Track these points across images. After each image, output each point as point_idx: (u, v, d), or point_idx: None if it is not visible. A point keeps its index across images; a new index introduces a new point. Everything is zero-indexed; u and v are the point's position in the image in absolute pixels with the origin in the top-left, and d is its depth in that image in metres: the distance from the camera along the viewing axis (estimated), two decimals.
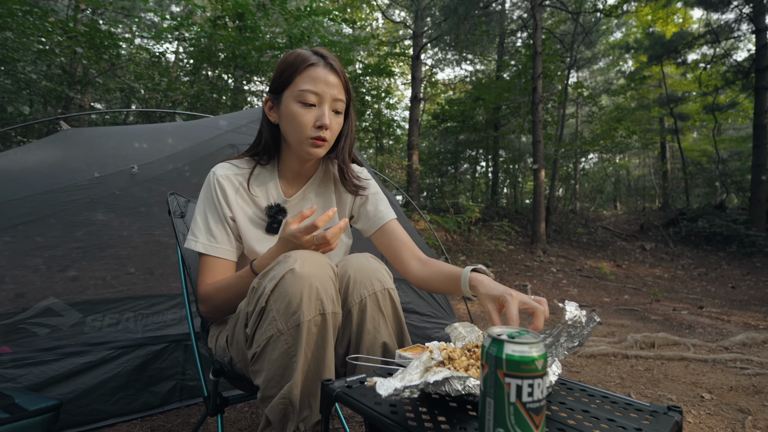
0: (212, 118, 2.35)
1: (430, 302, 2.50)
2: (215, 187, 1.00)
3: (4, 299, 1.51)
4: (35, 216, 1.64)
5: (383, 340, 0.84)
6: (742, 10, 9.81)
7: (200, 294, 0.97)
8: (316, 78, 0.94)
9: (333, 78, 0.95)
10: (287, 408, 0.75)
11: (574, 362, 2.52)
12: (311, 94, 0.93)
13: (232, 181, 1.02)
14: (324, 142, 0.96)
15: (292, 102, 0.95)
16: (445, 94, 14.83)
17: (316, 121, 0.94)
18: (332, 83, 0.95)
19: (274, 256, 0.87)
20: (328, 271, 0.81)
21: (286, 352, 0.75)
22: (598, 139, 12.20)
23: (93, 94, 7.03)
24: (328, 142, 0.97)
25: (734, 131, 15.86)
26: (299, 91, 0.94)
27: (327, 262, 0.82)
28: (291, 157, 1.04)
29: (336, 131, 0.99)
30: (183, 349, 1.72)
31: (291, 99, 0.95)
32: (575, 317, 0.74)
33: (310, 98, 0.94)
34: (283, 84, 0.96)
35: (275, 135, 1.03)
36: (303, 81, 0.94)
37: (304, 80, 0.94)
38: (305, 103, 0.94)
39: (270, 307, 0.76)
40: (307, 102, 0.94)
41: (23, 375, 1.41)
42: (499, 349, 0.49)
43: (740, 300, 5.29)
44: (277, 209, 1.03)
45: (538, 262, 7.47)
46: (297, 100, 0.94)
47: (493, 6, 10.86)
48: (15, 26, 4.72)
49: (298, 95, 0.94)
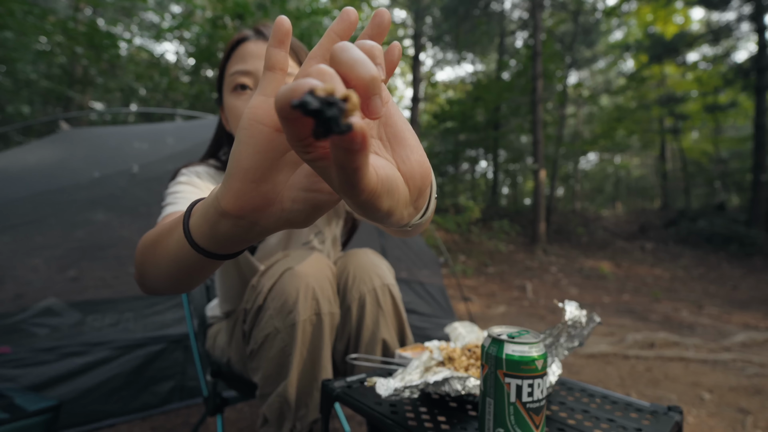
0: (212, 118, 2.35)
1: (430, 302, 2.50)
2: (186, 171, 0.85)
3: (4, 299, 1.51)
4: (35, 216, 1.64)
5: (383, 337, 0.84)
6: (742, 10, 9.82)
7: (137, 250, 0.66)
8: (245, 55, 0.77)
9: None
10: (283, 406, 0.76)
11: (574, 362, 2.52)
12: (242, 75, 0.77)
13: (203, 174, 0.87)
14: None
15: (228, 95, 0.79)
16: (445, 94, 14.82)
17: None
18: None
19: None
20: (325, 271, 0.81)
21: (283, 351, 0.76)
22: (598, 139, 12.20)
23: (93, 94, 7.03)
24: None
25: (734, 131, 15.85)
26: (230, 76, 0.78)
27: (326, 262, 0.83)
28: None
29: None
30: (183, 349, 1.71)
31: (227, 92, 0.80)
32: (575, 317, 0.74)
33: (242, 80, 0.77)
34: (220, 79, 0.83)
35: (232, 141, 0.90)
36: (232, 64, 0.79)
37: (234, 62, 0.79)
38: (237, 87, 0.77)
39: (267, 305, 0.77)
40: (239, 84, 0.77)
41: (23, 375, 1.41)
42: (499, 349, 0.49)
43: (740, 300, 5.29)
44: None
45: (538, 262, 7.47)
46: (230, 89, 0.78)
47: (493, 6, 10.87)
48: (15, 26, 4.72)
49: (230, 82, 0.78)
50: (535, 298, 4.87)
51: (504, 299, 4.67)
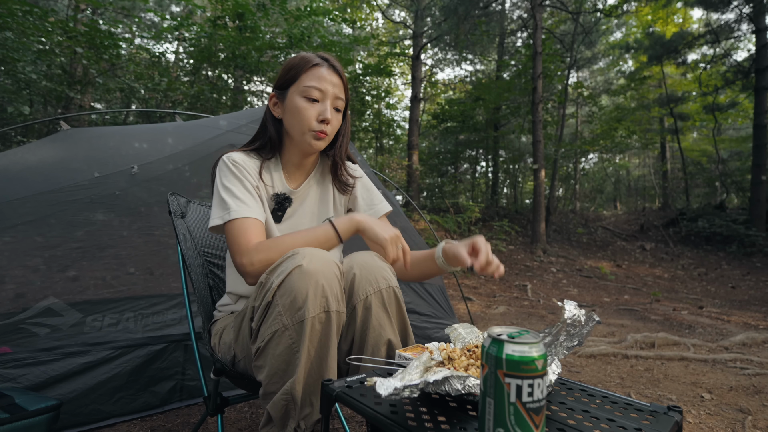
0: (212, 118, 2.35)
1: (430, 302, 2.50)
2: (234, 164, 1.02)
3: (4, 299, 1.51)
4: (35, 216, 1.64)
5: (388, 338, 0.85)
6: (742, 10, 9.81)
7: (253, 249, 0.90)
8: (320, 77, 1.01)
9: (335, 78, 1.03)
10: (289, 404, 0.76)
11: (574, 362, 2.52)
12: (315, 90, 1.01)
13: (247, 162, 1.04)
14: (325, 135, 1.02)
15: (297, 97, 1.02)
16: (445, 94, 14.82)
17: (319, 116, 1.01)
18: (335, 83, 1.03)
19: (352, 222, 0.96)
20: (334, 269, 0.81)
21: (290, 348, 0.76)
22: (598, 139, 12.20)
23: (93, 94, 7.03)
24: (328, 136, 1.04)
25: (734, 131, 15.85)
26: (305, 87, 1.01)
27: (333, 260, 0.83)
28: (293, 151, 1.09)
29: (336, 127, 1.06)
30: (183, 349, 1.71)
31: (296, 94, 1.02)
32: (574, 316, 0.74)
33: (314, 94, 1.01)
34: (289, 81, 1.04)
35: (279, 130, 1.08)
36: (308, 78, 1.01)
37: (309, 78, 1.01)
38: (309, 98, 1.01)
39: (276, 302, 0.77)
40: (311, 97, 1.01)
41: (23, 375, 1.41)
42: (499, 349, 0.49)
43: (740, 300, 5.29)
44: (284, 197, 1.08)
45: (538, 262, 7.47)
46: (302, 95, 1.01)
47: (493, 6, 10.87)
48: (15, 26, 4.72)
49: (304, 90, 1.01)
50: (535, 298, 4.87)
51: (504, 299, 4.67)
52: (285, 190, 1.09)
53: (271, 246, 0.90)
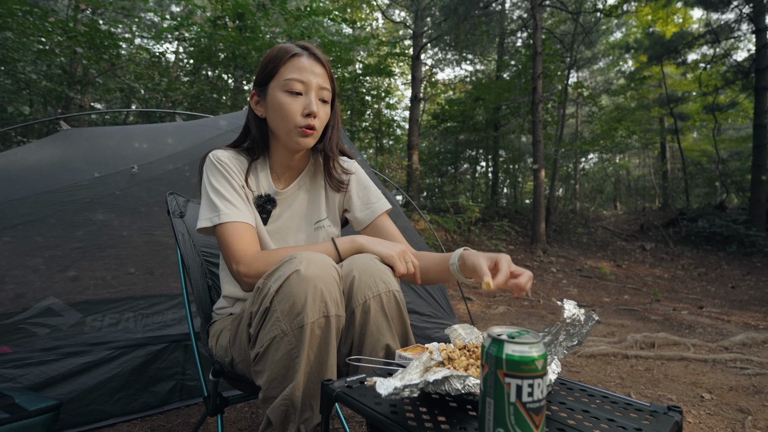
0: (212, 118, 2.35)
1: (430, 302, 2.50)
2: (220, 163, 0.98)
3: (4, 299, 1.51)
4: (35, 216, 1.64)
5: (386, 343, 0.83)
6: (742, 10, 9.81)
7: (251, 258, 0.89)
8: (301, 67, 0.95)
9: (318, 68, 0.97)
10: (289, 409, 0.75)
11: (574, 362, 2.52)
12: (297, 82, 0.94)
13: (234, 162, 1.01)
14: (312, 131, 0.97)
15: (278, 92, 0.95)
16: (445, 94, 14.82)
17: (304, 110, 0.95)
18: (317, 72, 0.96)
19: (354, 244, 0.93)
20: (332, 273, 0.80)
21: (289, 353, 0.75)
22: (598, 139, 12.20)
23: (93, 94, 7.03)
24: (316, 131, 0.98)
25: (734, 131, 15.85)
26: (285, 80, 0.94)
27: (332, 264, 0.82)
28: (280, 151, 1.04)
29: (324, 120, 1.00)
30: (183, 349, 1.71)
31: (277, 89, 0.96)
32: (574, 316, 0.74)
33: (297, 86, 0.94)
34: (268, 75, 0.97)
35: (263, 129, 1.03)
36: (288, 71, 0.95)
37: (290, 70, 0.95)
38: (292, 91, 0.95)
39: (274, 308, 0.76)
40: (294, 90, 0.94)
41: (23, 375, 1.41)
42: (499, 349, 0.49)
43: (740, 300, 5.29)
44: (266, 199, 1.04)
45: (538, 262, 7.47)
46: (284, 89, 0.95)
47: (493, 6, 10.87)
48: (15, 26, 4.72)
49: (284, 84, 0.95)
50: (535, 298, 4.87)
51: (504, 299, 4.67)
52: (271, 191, 1.05)
53: (270, 258, 0.88)
